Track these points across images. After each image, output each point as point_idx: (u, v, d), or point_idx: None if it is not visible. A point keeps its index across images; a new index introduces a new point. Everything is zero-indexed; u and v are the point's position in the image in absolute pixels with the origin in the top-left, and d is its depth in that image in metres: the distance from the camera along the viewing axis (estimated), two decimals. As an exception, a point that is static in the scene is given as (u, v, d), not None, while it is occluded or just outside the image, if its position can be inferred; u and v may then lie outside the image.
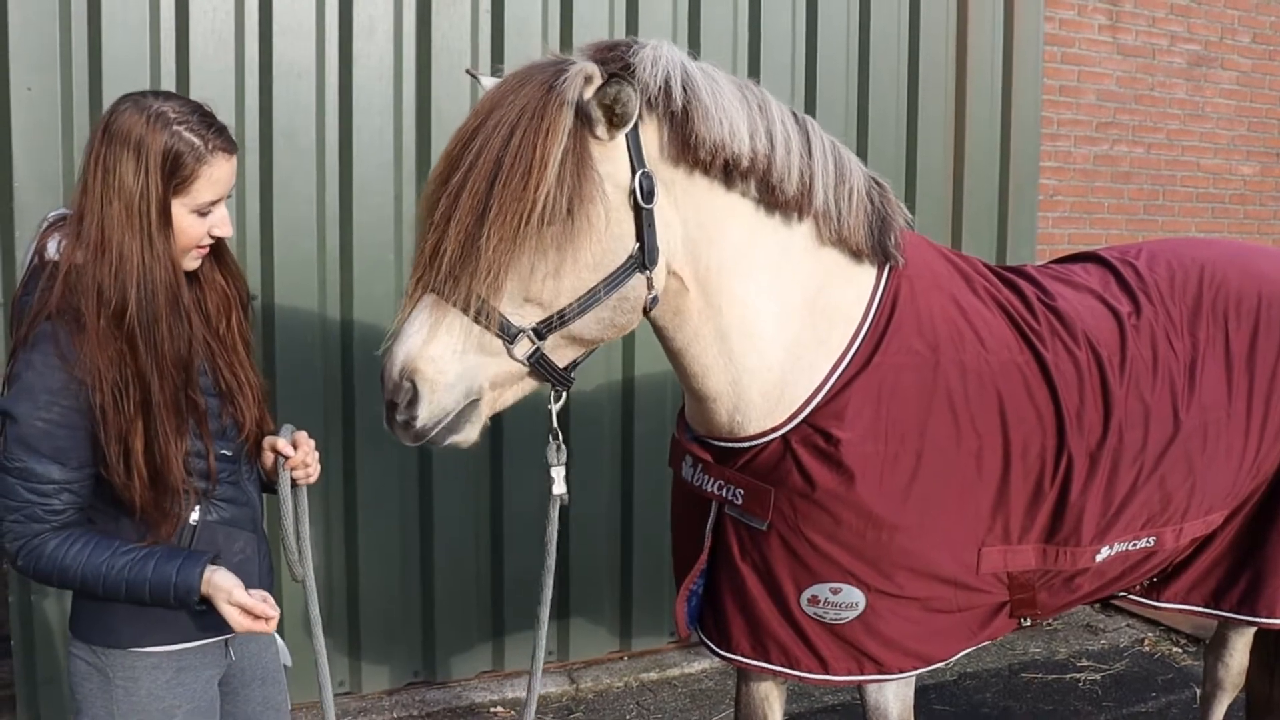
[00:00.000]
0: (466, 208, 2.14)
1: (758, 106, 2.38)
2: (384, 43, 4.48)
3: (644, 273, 2.29)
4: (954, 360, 2.55)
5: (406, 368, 2.18)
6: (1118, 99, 6.95)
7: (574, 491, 4.87)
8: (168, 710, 2.28)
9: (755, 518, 2.52)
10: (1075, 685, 5.11)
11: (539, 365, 2.28)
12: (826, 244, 2.50)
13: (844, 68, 5.31)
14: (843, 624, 2.54)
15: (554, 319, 2.24)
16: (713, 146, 2.30)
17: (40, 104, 4.01)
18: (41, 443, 2.09)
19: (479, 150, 2.17)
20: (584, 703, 4.84)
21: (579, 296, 2.24)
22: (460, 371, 2.20)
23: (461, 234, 2.14)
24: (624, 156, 2.25)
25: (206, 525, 2.30)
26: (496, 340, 2.21)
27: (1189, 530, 2.86)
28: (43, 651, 4.17)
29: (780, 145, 2.38)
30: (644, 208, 2.26)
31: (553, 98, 2.16)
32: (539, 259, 2.18)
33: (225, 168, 2.21)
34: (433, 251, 2.18)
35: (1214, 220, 7.40)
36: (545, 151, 2.12)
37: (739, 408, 2.51)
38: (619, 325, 2.35)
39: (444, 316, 2.18)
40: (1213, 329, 2.86)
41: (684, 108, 2.27)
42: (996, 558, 2.62)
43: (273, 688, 2.57)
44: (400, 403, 2.21)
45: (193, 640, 2.31)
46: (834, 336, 2.50)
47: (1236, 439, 2.84)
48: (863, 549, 2.49)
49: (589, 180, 2.18)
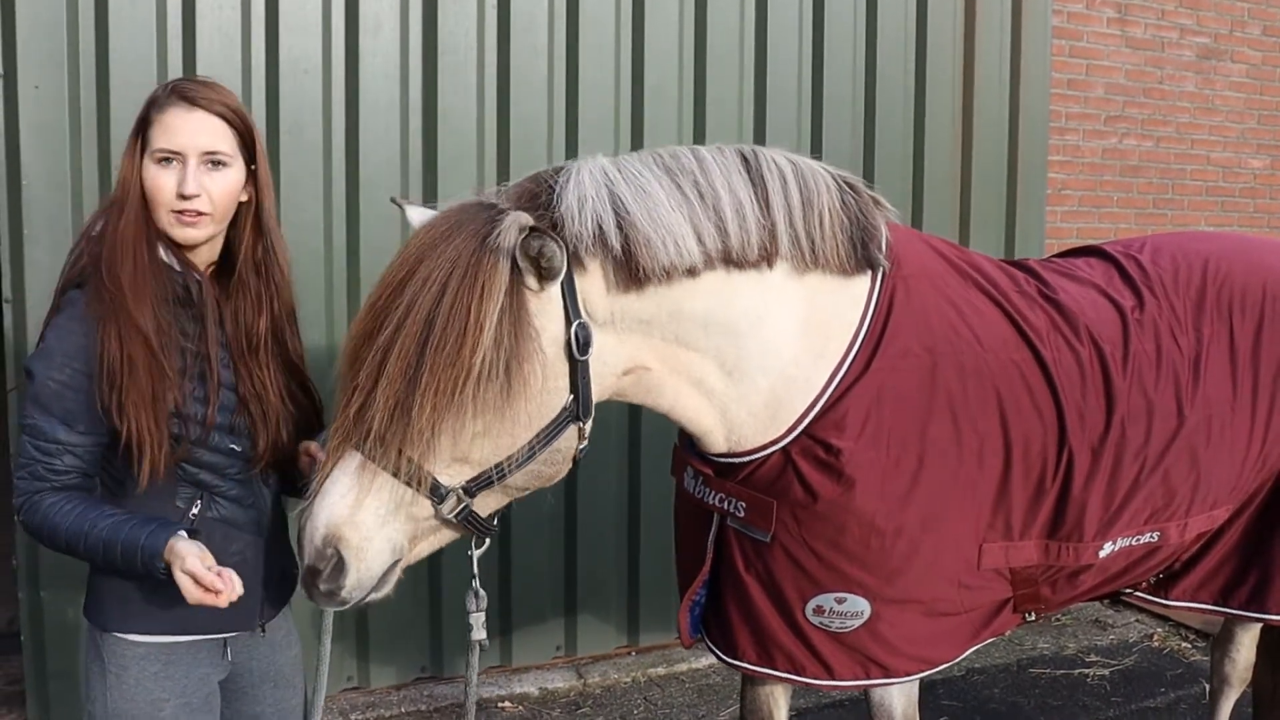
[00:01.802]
0: (396, 370, 2.05)
1: (697, 196, 2.29)
2: (390, 40, 4.49)
3: (577, 423, 2.25)
4: (952, 361, 2.53)
5: (330, 535, 2.09)
6: (1126, 92, 6.92)
7: (582, 486, 4.94)
8: (155, 702, 2.28)
9: (758, 530, 2.51)
10: (1084, 681, 5.11)
11: (466, 522, 2.22)
12: (808, 271, 2.44)
13: (851, 62, 5.30)
14: (848, 632, 2.53)
15: (484, 477, 2.18)
16: (663, 271, 2.24)
17: (48, 102, 4.03)
18: (52, 403, 2.15)
19: (407, 307, 2.08)
20: (591, 698, 4.85)
21: (512, 454, 2.18)
22: (387, 536, 2.13)
23: (391, 399, 2.05)
24: (559, 306, 2.18)
25: (205, 520, 2.29)
26: (425, 503, 2.14)
27: (1194, 525, 2.85)
28: (53, 647, 4.19)
29: (733, 223, 2.31)
30: (579, 359, 2.20)
31: (484, 253, 2.08)
32: (472, 420, 2.09)
33: (182, 116, 2.18)
34: (358, 414, 2.09)
35: (1224, 214, 7.37)
36: (481, 312, 2.05)
37: (733, 430, 2.49)
38: (548, 476, 2.31)
39: (371, 479, 2.10)
40: (1217, 323, 2.85)
41: (623, 247, 2.20)
42: (998, 554, 2.61)
43: (286, 690, 2.55)
44: (324, 570, 2.10)
45: (177, 634, 2.30)
46: (830, 348, 2.47)
47: (1241, 433, 2.83)
48: (867, 557, 2.47)
49: (526, 338, 2.11)
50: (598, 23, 4.80)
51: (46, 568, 4.14)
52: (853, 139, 5.32)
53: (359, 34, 4.43)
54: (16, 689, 4.51)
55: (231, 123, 2.25)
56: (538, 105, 4.69)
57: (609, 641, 5.18)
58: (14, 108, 3.99)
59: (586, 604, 5.07)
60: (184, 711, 2.31)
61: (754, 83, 5.13)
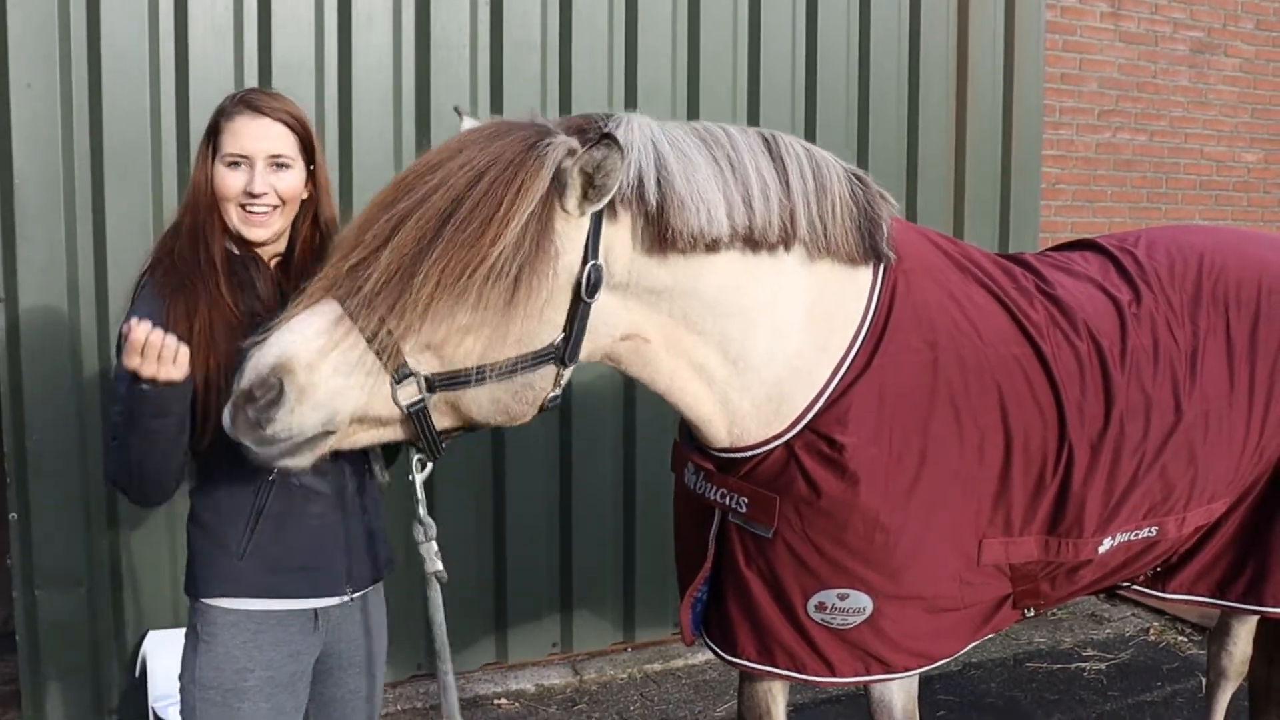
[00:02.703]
0: (409, 237, 2.00)
1: (730, 170, 2.28)
2: (383, 36, 4.48)
3: (559, 366, 2.19)
4: (953, 355, 2.52)
5: (282, 365, 1.98)
6: (1120, 86, 6.93)
7: (577, 482, 4.94)
8: (241, 672, 2.37)
9: (760, 526, 2.49)
10: (1080, 675, 5.11)
11: (417, 418, 2.11)
12: (818, 259, 2.44)
13: (844, 58, 5.30)
14: (850, 629, 2.52)
15: (451, 376, 2.09)
16: (690, 238, 2.21)
17: (40, 100, 4.02)
18: None
19: (438, 184, 2.04)
20: (588, 694, 4.85)
21: (486, 364, 2.09)
22: (333, 394, 2.02)
23: (395, 264, 1.99)
24: (582, 242, 2.13)
25: (284, 485, 2.40)
26: (385, 378, 2.04)
27: (1191, 519, 2.85)
28: (47, 647, 4.18)
29: (758, 203, 2.30)
30: (584, 300, 2.15)
31: (532, 156, 2.05)
32: (464, 312, 2.03)
33: (249, 124, 2.36)
34: (353, 268, 2.03)
35: (1217, 208, 7.38)
36: (513, 207, 2.00)
37: (735, 422, 2.47)
38: (511, 413, 2.21)
39: (343, 335, 2.01)
40: (1213, 316, 2.84)
41: (659, 203, 2.18)
42: (998, 549, 2.60)
43: (366, 679, 2.64)
44: (260, 398, 1.99)
45: (263, 597, 2.40)
46: (834, 342, 2.46)
47: (1238, 427, 2.82)
48: (870, 553, 2.46)
49: (545, 252, 2.05)
50: (590, 18, 4.79)
51: (41, 567, 4.13)
52: (846, 134, 5.32)
53: (351, 31, 4.42)
54: (11, 689, 4.49)
55: (293, 128, 2.42)
56: (531, 101, 4.67)
57: (605, 638, 5.18)
58: (6, 106, 3.97)
59: (582, 600, 5.06)
60: (268, 685, 2.40)
61: (747, 77, 5.12)
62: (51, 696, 4.21)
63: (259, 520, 2.39)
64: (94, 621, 4.26)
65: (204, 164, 2.40)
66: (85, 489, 4.18)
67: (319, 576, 2.46)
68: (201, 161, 2.41)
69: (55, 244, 4.06)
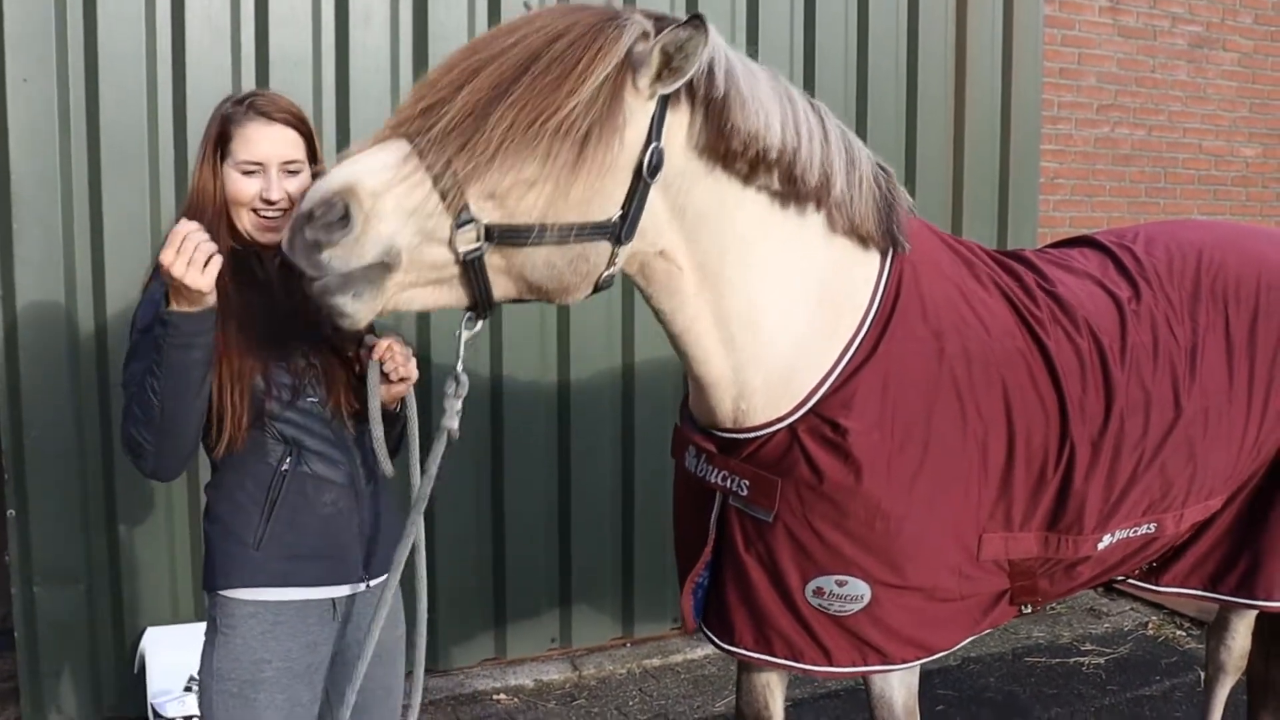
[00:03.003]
0: (486, 82, 2.01)
1: (786, 98, 2.33)
2: (380, 32, 4.47)
3: (614, 244, 2.18)
4: (959, 347, 2.52)
5: (347, 189, 1.98)
6: (1119, 81, 6.92)
7: (576, 477, 4.94)
8: (258, 663, 2.40)
9: (761, 509, 2.49)
10: (1079, 669, 5.12)
11: (473, 268, 2.09)
12: (838, 233, 2.45)
13: (843, 52, 5.30)
14: (847, 615, 2.51)
15: (511, 230, 2.07)
16: (747, 137, 2.23)
17: (37, 95, 4.01)
18: (140, 350, 2.32)
19: (517, 41, 2.06)
20: (587, 689, 4.85)
21: (547, 224, 2.07)
22: (394, 226, 2.01)
23: (469, 104, 2.00)
24: (647, 121, 2.14)
25: (296, 474, 2.45)
26: (447, 220, 2.03)
27: (1189, 516, 2.85)
28: (46, 644, 4.19)
29: (805, 137, 2.32)
30: (644, 180, 2.17)
31: (610, 26, 2.07)
32: (530, 165, 2.03)
33: (261, 130, 2.39)
34: (427, 109, 2.03)
35: (1216, 203, 7.37)
36: (590, 65, 2.02)
37: (743, 395, 2.46)
38: (565, 284, 2.20)
39: (410, 172, 2.01)
40: (1212, 313, 2.84)
41: (724, 96, 2.20)
42: (998, 544, 2.60)
43: (387, 669, 2.64)
44: (319, 218, 1.98)
45: (281, 586, 2.43)
46: (841, 325, 2.46)
47: (1237, 423, 2.82)
48: (870, 540, 2.46)
49: (615, 119, 2.07)
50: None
51: (40, 564, 4.13)
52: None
53: (349, 26, 4.42)
54: (10, 685, 4.49)
55: (301, 131, 2.45)
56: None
57: (604, 633, 5.18)
58: (2, 102, 3.97)
59: (581, 596, 5.06)
60: (285, 675, 2.42)
61: (746, 73, 5.11)
62: (50, 693, 4.21)
63: (274, 510, 2.43)
64: (93, 618, 4.26)
65: (210, 168, 2.41)
66: (84, 486, 4.18)
67: (335, 564, 2.50)
68: (207, 166, 2.41)
69: (52, 241, 4.05)
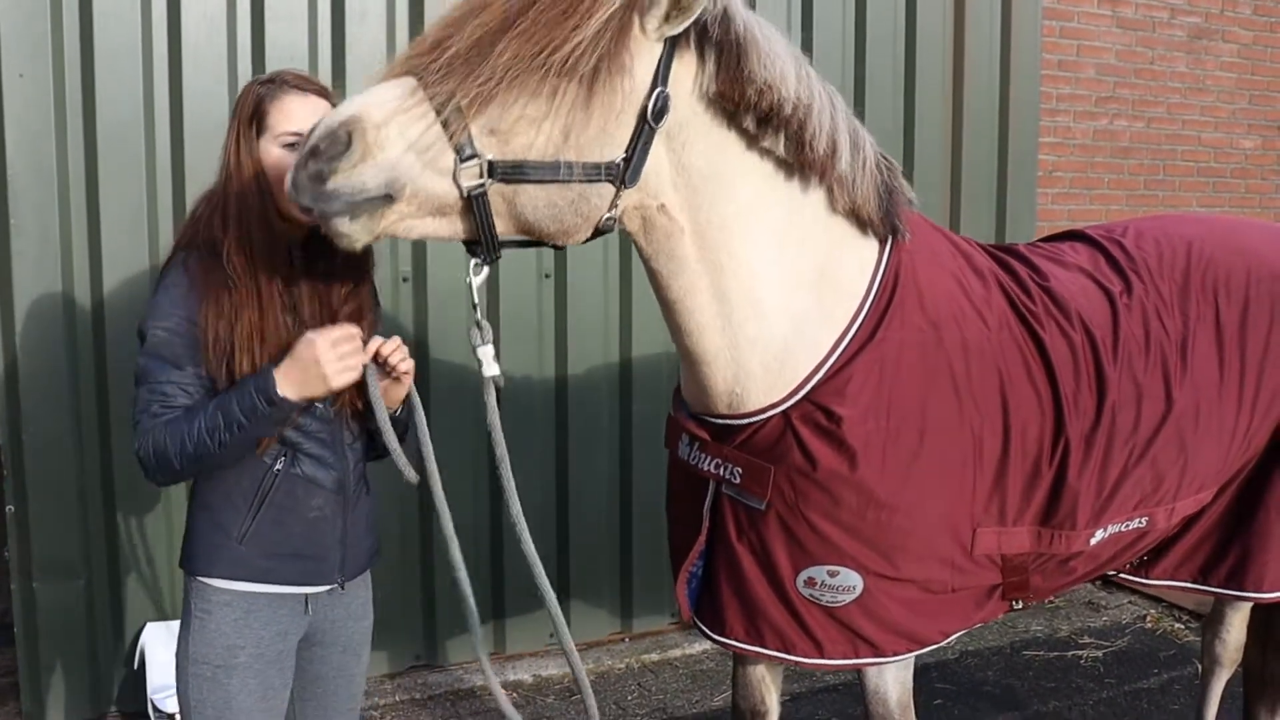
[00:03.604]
0: (494, 14, 2.03)
1: (800, 61, 2.33)
2: (376, 27, 4.46)
3: (616, 187, 2.18)
4: (956, 338, 2.51)
5: (352, 119, 2.01)
6: (1117, 73, 6.91)
7: (573, 472, 4.94)
8: (231, 649, 2.43)
9: (753, 497, 2.48)
10: (1077, 663, 5.12)
11: (476, 203, 2.10)
12: (838, 213, 2.44)
13: (840, 45, 5.28)
14: (839, 607, 2.51)
15: (513, 165, 2.08)
16: (762, 85, 2.21)
17: (33, 90, 4.01)
18: (161, 348, 2.34)
19: None
20: (586, 684, 4.85)
21: (546, 161, 2.09)
22: (398, 154, 2.03)
23: (477, 34, 2.02)
24: (653, 65, 2.14)
25: (288, 475, 2.45)
26: (449, 151, 2.05)
27: (1180, 509, 2.85)
28: (45, 639, 4.19)
29: (818, 98, 2.33)
30: (649, 124, 2.16)
31: None
32: (533, 101, 2.04)
33: (298, 101, 2.38)
34: (435, 43, 2.06)
35: (1215, 195, 7.37)
36: (595, 2, 2.03)
37: (738, 378, 2.44)
38: (565, 225, 2.21)
39: (414, 105, 2.03)
40: (1203, 305, 2.84)
41: (741, 40, 2.19)
42: (991, 539, 2.60)
43: (351, 657, 2.67)
44: (324, 150, 2.01)
45: (260, 582, 2.44)
46: (838, 310, 2.45)
47: (1228, 416, 2.82)
48: (862, 530, 2.45)
49: (619, 60, 2.07)
50: None
51: (39, 559, 4.13)
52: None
53: (345, 21, 4.41)
54: (9, 681, 4.50)
55: (332, 103, 2.41)
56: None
57: (602, 628, 5.19)
58: (-2, 97, 3.97)
59: (579, 591, 5.07)
60: (258, 662, 2.45)
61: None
62: (50, 689, 4.22)
63: (262, 508, 2.43)
64: (92, 613, 4.27)
65: (247, 145, 2.38)
66: (82, 481, 4.18)
67: (313, 566, 2.51)
68: (243, 143, 2.38)
69: (49, 235, 4.05)
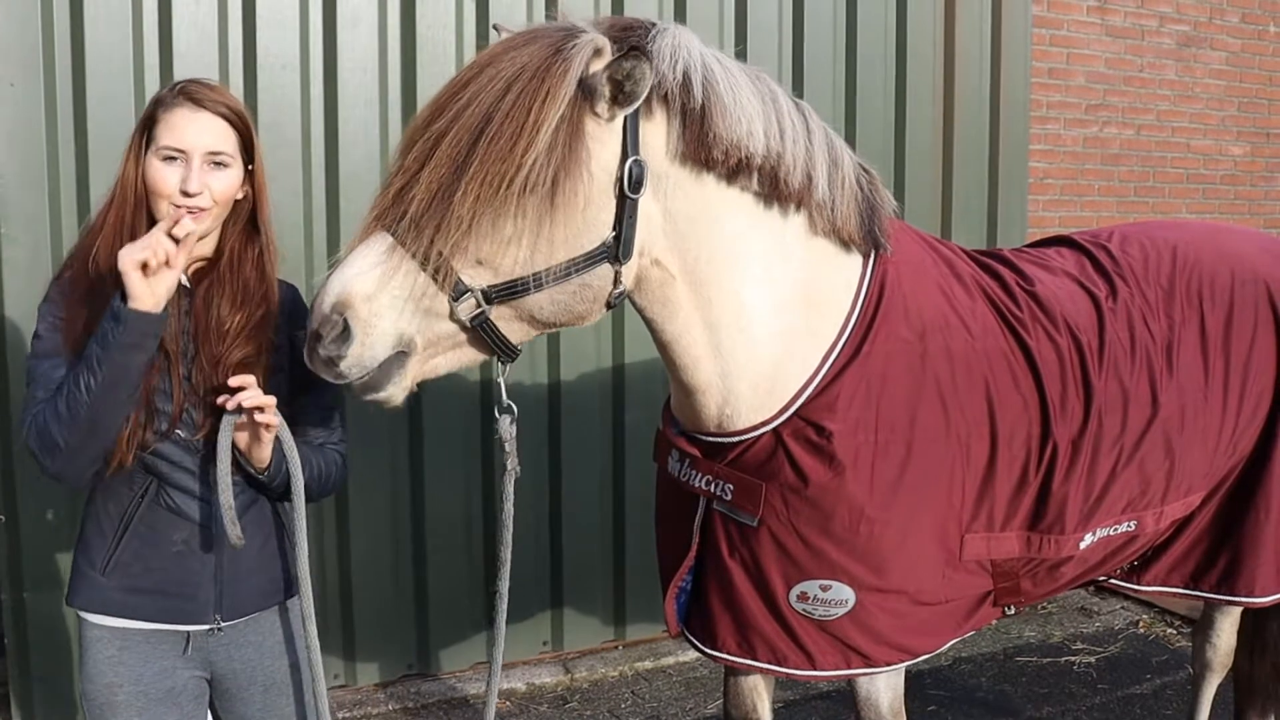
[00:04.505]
0: (445, 157, 2.05)
1: (771, 101, 2.32)
2: (368, 34, 4.47)
3: (614, 264, 2.21)
4: (941, 348, 2.52)
5: (341, 301, 2.06)
6: (1107, 81, 6.94)
7: (566, 480, 4.93)
8: (109, 687, 2.34)
9: (745, 513, 2.48)
10: (1070, 668, 5.12)
11: (482, 329, 2.16)
12: (819, 234, 2.45)
13: (831, 53, 5.30)
14: (831, 620, 2.51)
15: (506, 287, 2.13)
16: (729, 145, 2.23)
17: (24, 100, 4.01)
18: (38, 346, 2.26)
19: (469, 100, 2.07)
20: (579, 692, 4.85)
21: (538, 271, 2.12)
22: (396, 321, 2.09)
23: (435, 184, 2.04)
24: (618, 140, 2.16)
25: (152, 505, 2.33)
26: (443, 297, 2.10)
27: (1169, 513, 2.86)
28: (37, 649, 4.17)
29: (790, 140, 2.33)
30: (629, 197, 2.17)
31: (557, 60, 2.07)
32: (507, 224, 2.07)
33: (187, 116, 2.24)
34: (398, 194, 2.08)
35: (1205, 201, 7.39)
36: (541, 115, 2.03)
37: (728, 400, 2.46)
38: (577, 313, 2.26)
39: (397, 263, 2.06)
40: (1188, 309, 2.86)
41: (703, 105, 2.20)
42: (980, 545, 2.60)
43: (278, 695, 2.52)
44: (326, 336, 2.08)
45: (123, 618, 2.34)
46: (824, 327, 2.46)
47: (1214, 419, 2.83)
48: (854, 544, 2.45)
49: (579, 155, 2.08)
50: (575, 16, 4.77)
51: (29, 570, 4.12)
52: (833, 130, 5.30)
53: (337, 29, 4.41)
54: (0, 691, 4.48)
55: (234, 124, 2.31)
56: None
57: (596, 636, 5.18)
58: (-11, 106, 3.96)
59: (573, 599, 5.06)
60: (139, 699, 2.35)
61: (734, 74, 5.11)
62: (40, 699, 4.20)
63: (124, 536, 2.33)
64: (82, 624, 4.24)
65: (135, 156, 2.27)
66: (73, 491, 4.15)
67: (180, 603, 2.35)
68: (133, 154, 2.28)
69: (40, 244, 4.04)
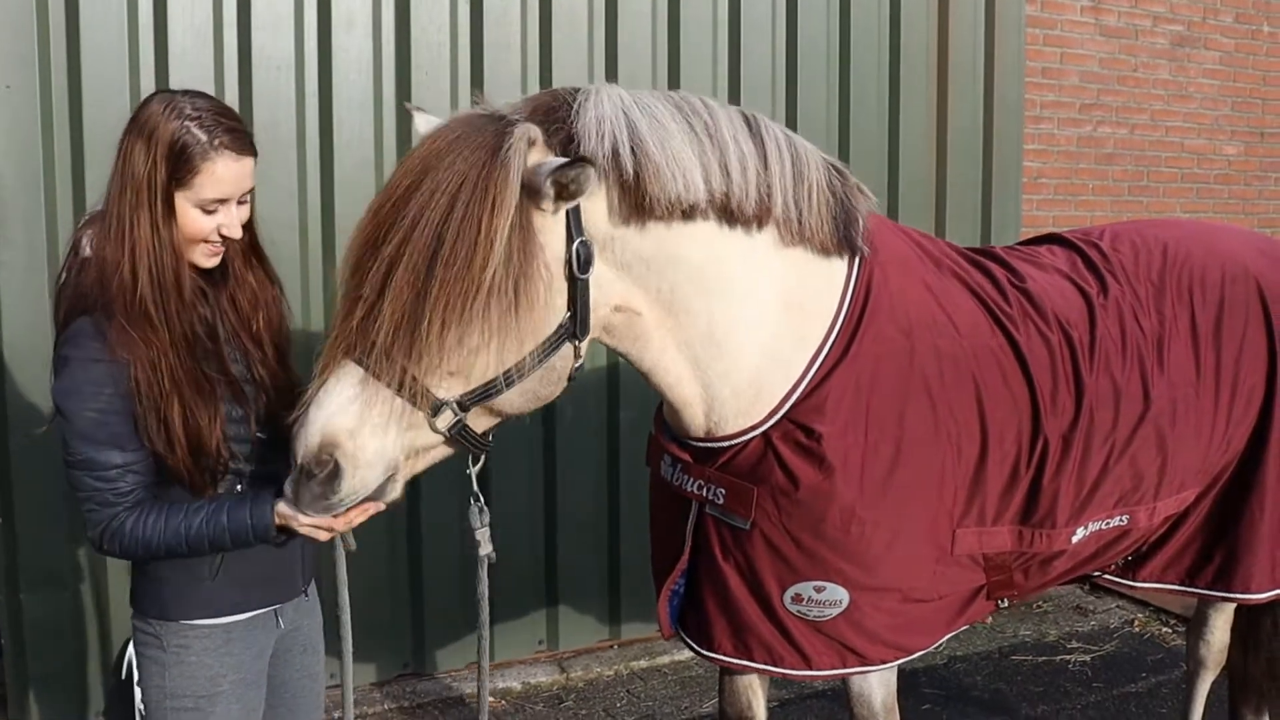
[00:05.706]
0: (404, 283, 2.04)
1: (707, 137, 2.30)
2: (363, 36, 4.48)
3: (574, 342, 2.24)
4: (929, 346, 2.54)
5: (327, 441, 2.08)
6: (1101, 80, 6.94)
7: (561, 479, 4.94)
8: (214, 679, 2.39)
9: (738, 517, 2.50)
10: (1065, 667, 5.14)
11: (460, 436, 2.21)
12: (791, 245, 2.45)
13: (825, 53, 5.31)
14: (826, 621, 2.53)
15: (479, 391, 2.17)
16: (668, 204, 2.24)
17: (20, 101, 4.01)
18: (97, 432, 2.20)
19: (414, 219, 2.06)
20: (574, 691, 4.86)
21: (508, 369, 2.16)
22: (383, 449, 2.13)
23: (398, 313, 2.04)
24: (563, 226, 2.17)
25: None
26: (421, 416, 2.14)
27: (1162, 509, 2.87)
28: (34, 651, 4.18)
29: (736, 172, 2.32)
30: (579, 278, 2.19)
31: (497, 166, 2.06)
32: (474, 335, 2.08)
33: (232, 167, 2.23)
34: (361, 324, 2.08)
35: (1198, 201, 7.40)
36: (492, 228, 2.03)
37: (713, 409, 2.48)
38: (542, 397, 2.30)
39: (373, 394, 2.09)
40: (1178, 306, 2.87)
41: (635, 173, 2.20)
42: (971, 539, 2.61)
43: (311, 656, 2.66)
44: (319, 475, 2.10)
45: (236, 614, 2.42)
46: (811, 331, 2.47)
47: (1206, 414, 2.85)
48: (847, 544, 2.47)
49: (533, 255, 2.10)
50: (571, 17, 4.79)
51: (26, 570, 4.12)
52: (827, 129, 5.33)
53: (332, 31, 4.42)
54: (-3, 692, 4.49)
55: (255, 155, 2.32)
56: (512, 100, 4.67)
57: (591, 635, 5.19)
58: (-15, 108, 3.97)
59: (568, 598, 5.07)
60: (240, 686, 2.43)
61: (727, 75, 5.13)
62: (37, 700, 4.21)
63: None
64: (79, 624, 4.26)
65: (163, 202, 2.19)
66: (69, 492, 4.16)
67: (282, 584, 2.51)
68: (158, 199, 2.18)
69: (36, 246, 4.05)
